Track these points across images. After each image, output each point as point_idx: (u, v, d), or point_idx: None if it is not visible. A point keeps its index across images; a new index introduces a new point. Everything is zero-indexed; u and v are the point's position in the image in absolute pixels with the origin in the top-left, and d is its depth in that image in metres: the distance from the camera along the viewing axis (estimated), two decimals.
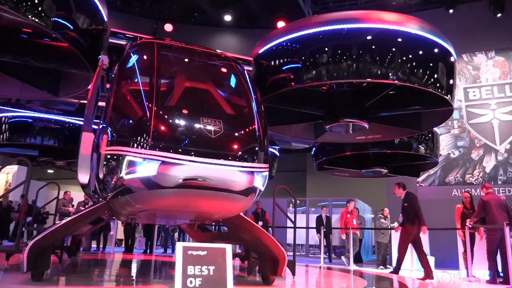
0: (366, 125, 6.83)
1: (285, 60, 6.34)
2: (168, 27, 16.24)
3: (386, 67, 5.80)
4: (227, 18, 16.97)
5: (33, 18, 4.56)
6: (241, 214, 5.21)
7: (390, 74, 5.78)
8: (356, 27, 5.88)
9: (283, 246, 5.30)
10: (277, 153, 13.30)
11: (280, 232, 13.84)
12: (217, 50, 5.87)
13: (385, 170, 10.78)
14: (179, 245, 3.42)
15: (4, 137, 10.59)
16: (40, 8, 4.63)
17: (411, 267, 9.73)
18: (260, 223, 12.42)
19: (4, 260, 7.07)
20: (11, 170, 18.06)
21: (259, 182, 4.16)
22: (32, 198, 11.50)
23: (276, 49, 6.35)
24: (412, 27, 5.83)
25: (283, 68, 6.33)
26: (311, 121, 8.22)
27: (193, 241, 8.58)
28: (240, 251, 9.94)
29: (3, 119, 10.52)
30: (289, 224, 11.97)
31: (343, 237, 12.46)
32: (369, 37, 5.85)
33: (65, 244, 8.37)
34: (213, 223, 8.81)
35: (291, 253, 6.82)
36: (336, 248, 16.27)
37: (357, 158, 10.66)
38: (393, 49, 5.87)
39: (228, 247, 3.54)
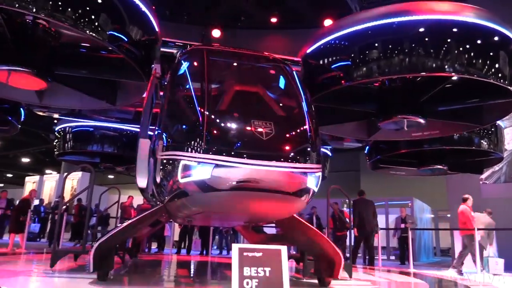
0: (422, 121, 6.55)
1: (334, 58, 6.24)
2: (216, 33, 16.56)
3: (441, 59, 5.54)
4: (273, 19, 17.00)
5: (91, 33, 4.84)
6: (295, 215, 5.18)
7: (446, 66, 5.51)
8: (407, 20, 5.66)
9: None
10: (329, 153, 13.11)
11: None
12: (264, 53, 5.90)
13: (445, 168, 10.27)
14: (235, 247, 3.46)
15: (69, 146, 11.31)
16: (96, 23, 4.90)
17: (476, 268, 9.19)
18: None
19: (73, 260, 7.54)
20: (76, 176, 19.24)
21: (312, 182, 4.11)
22: (95, 202, 12.16)
23: (324, 47, 6.27)
24: (467, 15, 5.52)
25: (333, 66, 6.23)
26: (363, 119, 8.02)
27: (247, 243, 8.66)
28: (294, 252, 9.89)
29: (67, 129, 11.24)
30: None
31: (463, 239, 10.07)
32: (421, 29, 5.62)
33: (126, 246, 8.76)
34: (267, 225, 8.83)
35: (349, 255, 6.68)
36: (393, 250, 15.76)
37: (414, 155, 10.25)
38: (448, 40, 5.59)
39: (284, 249, 3.53)
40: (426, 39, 5.59)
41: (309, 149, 4.16)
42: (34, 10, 4.44)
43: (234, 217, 5.38)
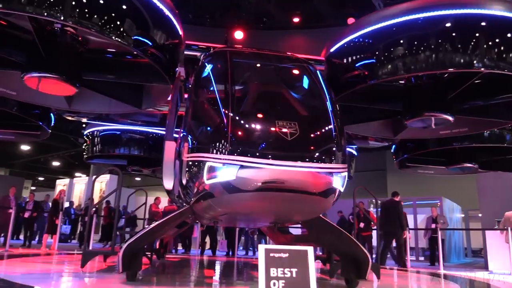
0: (451, 119, 6.39)
1: (358, 56, 6.17)
2: (239, 35, 16.61)
3: (469, 54, 5.40)
4: (296, 19, 16.93)
5: (116, 39, 4.95)
6: (321, 215, 5.15)
7: (475, 61, 5.36)
8: (433, 15, 5.55)
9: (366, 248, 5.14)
10: (354, 152, 12.96)
11: None
12: (288, 53, 5.89)
13: (475, 166, 9.98)
14: (261, 248, 3.46)
15: (97, 149, 11.62)
16: (122, 29, 5.01)
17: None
18: None
19: (102, 261, 7.71)
20: (104, 179, 19.69)
21: (338, 182, 4.07)
22: (123, 204, 12.42)
23: (348, 46, 6.21)
24: (496, 8, 5.35)
25: (357, 65, 6.16)
26: (389, 118, 7.89)
27: (273, 244, 8.64)
28: (320, 253, 9.82)
29: (95, 133, 11.55)
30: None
31: None
32: (448, 24, 5.49)
33: (154, 247, 8.89)
34: (293, 225, 8.80)
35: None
36: (424, 251, 15.41)
37: (442, 154, 10.01)
38: (477, 34, 5.44)
39: (310, 249, 3.51)
40: (453, 34, 5.46)
41: (334, 148, 4.12)
42: (62, 18, 4.58)
43: (259, 218, 5.38)
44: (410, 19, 5.64)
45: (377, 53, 5.94)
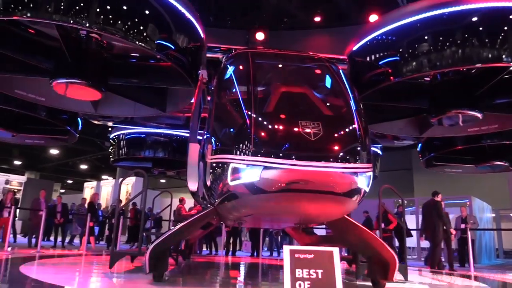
0: (479, 115, 6.21)
1: (382, 54, 6.08)
2: (260, 36, 16.63)
3: (498, 49, 5.24)
4: (317, 18, 16.82)
5: (140, 43, 5.05)
6: (347, 216, 5.09)
7: (503, 56, 5.20)
8: (459, 10, 5.41)
9: (393, 249, 5.05)
10: (379, 151, 12.77)
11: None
12: (309, 52, 5.86)
13: (506, 164, 9.66)
14: (286, 248, 3.45)
15: (123, 152, 11.85)
16: (145, 34, 5.10)
17: None
18: None
19: (130, 261, 7.85)
20: (130, 181, 20.04)
21: (363, 182, 4.01)
22: (148, 205, 12.62)
23: (371, 44, 6.12)
24: None
25: (380, 62, 6.07)
26: (414, 116, 7.74)
27: (298, 245, 8.60)
28: (346, 254, 9.71)
29: (120, 136, 11.78)
30: None
31: None
32: (474, 19, 5.34)
33: (179, 248, 8.99)
34: (318, 226, 8.74)
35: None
36: (453, 252, 14.99)
37: (471, 152, 9.74)
38: (505, 28, 5.27)
39: (336, 250, 3.47)
40: (480, 28, 5.32)
41: (358, 148, 4.07)
42: (88, 24, 4.69)
43: (284, 219, 5.36)
44: (434, 14, 5.52)
45: (401, 50, 5.84)
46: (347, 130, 4.20)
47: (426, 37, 5.66)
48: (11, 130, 9.16)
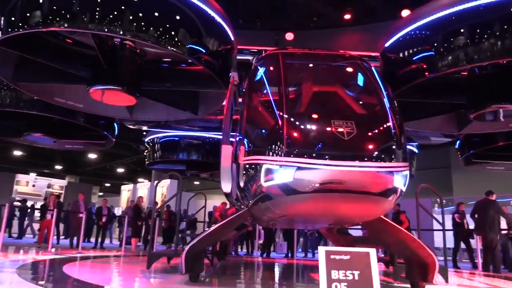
0: None
1: (416, 49, 5.92)
2: (289, 36, 16.58)
3: None
4: (347, 16, 16.59)
5: (172, 48, 5.14)
6: (383, 216, 4.98)
7: None
8: (496, 0, 5.19)
9: (432, 250, 4.89)
10: (415, 149, 12.42)
11: (427, 235, 12.82)
12: (340, 51, 5.78)
13: None
14: (321, 250, 3.41)
15: (157, 155, 12.11)
16: (176, 39, 5.20)
17: None
18: None
19: (166, 262, 8.00)
20: (165, 183, 20.45)
21: (400, 182, 3.91)
22: (183, 207, 12.82)
23: (404, 39, 5.97)
24: None
25: (414, 58, 5.91)
26: (452, 112, 7.48)
27: (332, 245, 8.51)
28: (382, 255, 9.51)
29: (155, 140, 12.04)
30: (436, 226, 11.03)
31: None
32: None
33: (214, 249, 9.08)
34: (353, 227, 8.62)
35: (441, 258, 6.25)
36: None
37: None
38: None
39: (372, 251, 3.40)
40: None
41: (394, 146, 3.97)
42: (121, 32, 4.83)
43: (318, 219, 5.31)
44: (471, 6, 5.31)
45: (435, 44, 5.66)
46: (381, 128, 4.12)
47: (462, 30, 5.46)
48: (52, 136, 9.54)
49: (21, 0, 4.87)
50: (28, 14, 4.80)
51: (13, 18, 4.88)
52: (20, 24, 4.82)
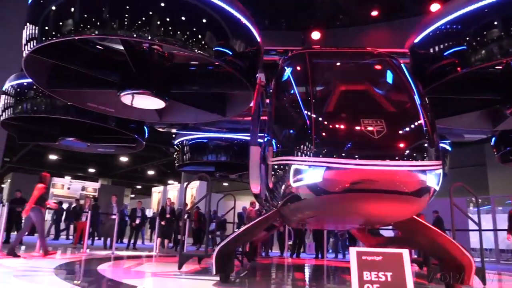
0: None
1: (446, 44, 5.75)
2: (316, 35, 16.47)
3: None
4: (374, 13, 16.32)
5: (199, 51, 5.20)
6: (415, 216, 4.86)
7: None
8: None
9: (468, 251, 4.73)
10: (448, 147, 12.07)
11: (462, 235, 12.42)
12: (368, 48, 5.69)
13: None
14: (353, 250, 3.37)
15: (186, 157, 12.27)
16: (203, 42, 5.25)
17: None
18: None
19: (197, 263, 8.09)
20: (195, 185, 20.68)
21: (433, 181, 3.80)
22: (213, 208, 12.93)
23: (434, 34, 5.82)
24: None
25: (445, 53, 5.74)
26: (486, 108, 7.23)
27: (363, 246, 8.37)
28: (415, 256, 9.28)
29: (184, 142, 12.21)
30: (471, 226, 10.67)
31: None
32: None
33: (244, 250, 9.11)
34: (385, 227, 8.46)
35: (478, 259, 6.04)
36: None
37: None
38: None
39: (405, 252, 3.34)
40: None
41: (426, 144, 3.87)
42: (149, 37, 4.92)
43: (348, 220, 5.24)
44: None
45: (467, 38, 5.48)
46: (412, 126, 4.02)
47: (495, 23, 5.27)
48: (86, 141, 9.83)
49: (54, 9, 5.04)
50: (60, 23, 4.97)
51: (46, 28, 5.06)
52: (53, 33, 4.99)
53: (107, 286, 5.05)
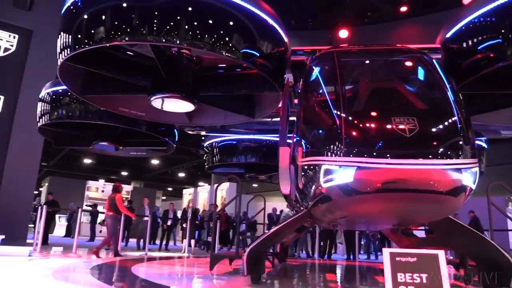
0: None
1: (481, 38, 5.56)
2: (344, 33, 16.25)
3: None
4: (403, 8, 15.96)
5: (227, 54, 5.23)
6: (451, 216, 4.72)
7: None
8: None
9: (507, 252, 4.55)
10: (484, 144, 11.64)
11: (500, 236, 11.96)
12: (397, 45, 5.57)
13: None
14: (386, 251, 3.30)
15: (216, 159, 12.37)
16: (231, 44, 5.28)
17: None
18: None
19: (228, 264, 8.14)
20: (224, 187, 20.84)
21: (469, 179, 3.68)
22: (243, 210, 12.99)
23: (467, 28, 5.63)
24: None
25: (480, 47, 5.55)
26: None
27: (396, 247, 8.19)
28: (451, 257, 9.01)
29: (213, 144, 12.32)
30: (510, 226, 10.25)
31: None
32: None
33: (275, 251, 9.09)
34: (419, 228, 8.25)
35: None
36: None
37: None
38: None
39: (441, 253, 3.24)
40: None
41: (460, 142, 3.75)
42: (178, 41, 5.00)
43: (381, 220, 5.15)
44: None
45: (503, 31, 5.28)
46: (445, 123, 3.91)
47: None
48: (118, 144, 10.09)
49: (85, 18, 5.20)
50: (92, 31, 5.13)
51: (79, 36, 5.22)
52: (86, 41, 5.15)
53: (141, 286, 5.16)
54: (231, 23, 5.41)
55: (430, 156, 3.55)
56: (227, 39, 5.29)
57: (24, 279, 5.06)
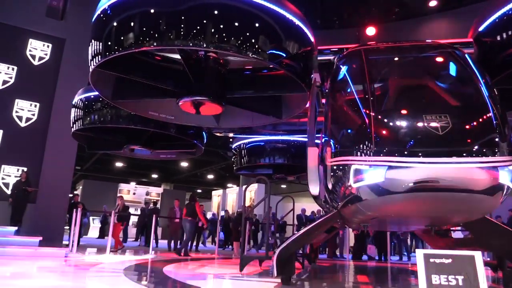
0: None
1: None
2: (371, 31, 15.97)
3: None
4: (432, 3, 15.56)
5: (253, 56, 5.24)
6: (487, 216, 4.56)
7: None
8: None
9: None
10: None
11: None
12: (427, 40, 5.44)
13: None
14: (419, 253, 3.22)
15: (244, 161, 12.41)
16: (257, 46, 5.29)
17: None
18: None
19: (258, 265, 8.16)
20: (253, 188, 20.90)
21: (506, 177, 3.54)
22: (272, 211, 12.98)
23: (501, 20, 5.43)
24: None
25: None
26: None
27: (429, 248, 7.98)
28: (489, 259, 8.70)
29: (241, 146, 12.38)
30: None
31: None
32: None
33: (304, 252, 9.04)
34: (453, 228, 8.01)
35: None
36: None
37: None
38: None
39: (478, 255, 3.13)
40: None
41: (496, 139, 3.62)
42: (204, 45, 5.05)
43: (413, 220, 5.03)
44: None
45: None
46: (480, 120, 3.78)
47: None
48: (149, 148, 10.29)
49: (115, 26, 5.34)
50: (121, 38, 5.26)
51: (109, 43, 5.36)
52: (115, 47, 5.28)
53: (173, 287, 5.24)
54: (256, 24, 5.42)
55: (464, 154, 3.44)
56: (253, 41, 5.30)
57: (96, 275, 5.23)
